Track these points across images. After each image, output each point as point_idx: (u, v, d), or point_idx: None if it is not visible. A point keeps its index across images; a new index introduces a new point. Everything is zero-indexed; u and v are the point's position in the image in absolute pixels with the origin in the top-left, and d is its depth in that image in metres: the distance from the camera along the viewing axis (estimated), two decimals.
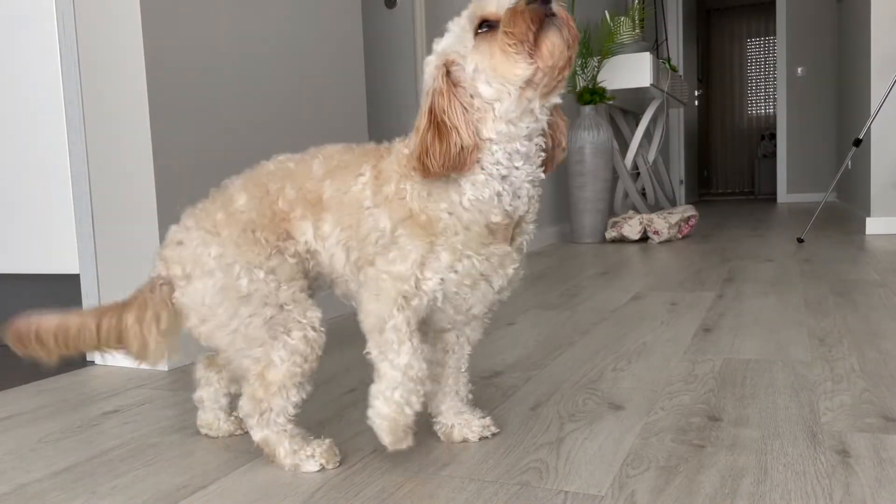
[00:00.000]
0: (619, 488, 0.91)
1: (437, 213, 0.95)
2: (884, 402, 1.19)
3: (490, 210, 0.95)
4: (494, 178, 0.95)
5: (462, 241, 0.95)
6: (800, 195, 7.61)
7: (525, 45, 0.89)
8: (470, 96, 0.93)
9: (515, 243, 1.00)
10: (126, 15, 1.59)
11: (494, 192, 0.95)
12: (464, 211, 0.95)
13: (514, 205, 0.97)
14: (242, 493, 0.95)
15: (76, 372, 1.65)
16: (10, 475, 1.05)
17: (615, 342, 1.69)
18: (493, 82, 0.92)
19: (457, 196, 0.95)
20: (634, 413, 1.19)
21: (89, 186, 1.70)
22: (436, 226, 0.95)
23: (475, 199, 0.95)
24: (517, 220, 0.99)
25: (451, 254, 0.95)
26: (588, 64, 4.20)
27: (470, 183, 0.95)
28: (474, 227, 0.95)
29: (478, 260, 0.96)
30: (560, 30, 0.90)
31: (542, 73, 0.91)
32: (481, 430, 1.10)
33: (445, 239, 0.95)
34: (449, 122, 0.93)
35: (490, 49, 0.91)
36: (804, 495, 0.86)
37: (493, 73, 0.91)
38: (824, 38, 7.40)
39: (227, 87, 1.80)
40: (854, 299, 2.06)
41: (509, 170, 0.95)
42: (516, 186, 0.96)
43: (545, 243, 4.07)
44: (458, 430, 1.10)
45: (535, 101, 0.93)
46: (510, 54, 0.90)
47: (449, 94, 0.93)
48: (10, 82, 1.79)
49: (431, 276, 0.95)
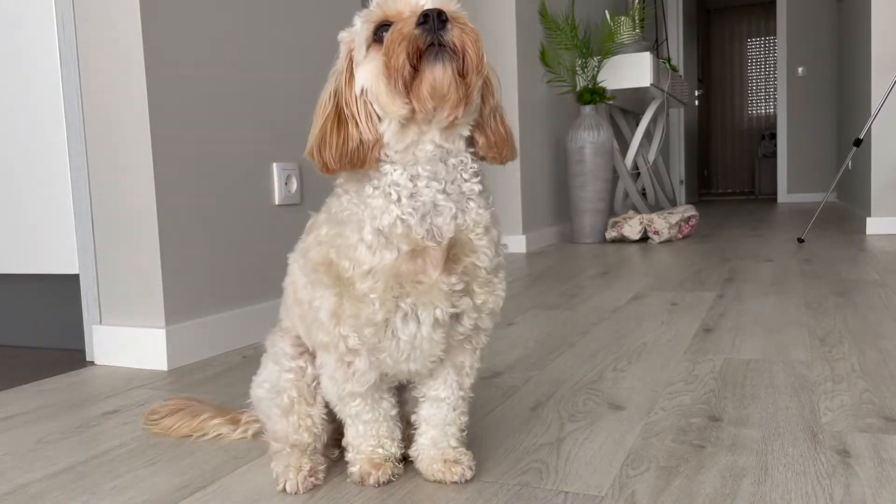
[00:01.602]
0: (620, 489, 0.90)
1: (339, 262, 0.83)
2: (884, 402, 1.19)
3: (396, 238, 0.82)
4: (393, 202, 0.82)
5: (367, 287, 0.82)
6: (800, 195, 7.61)
7: (399, 81, 0.76)
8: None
9: (461, 265, 0.84)
10: (126, 15, 1.59)
11: (394, 217, 0.82)
12: (367, 251, 0.82)
13: (437, 224, 0.82)
14: (242, 493, 0.95)
15: (76, 372, 1.65)
16: (9, 475, 1.05)
17: (615, 342, 1.69)
18: (377, 107, 0.81)
19: (355, 235, 0.83)
20: (635, 413, 1.19)
21: (89, 187, 1.69)
22: (340, 272, 0.83)
23: (378, 229, 0.82)
24: (454, 241, 0.84)
25: (354, 303, 0.83)
26: (588, 64, 4.20)
27: (377, 210, 0.82)
28: (384, 262, 0.82)
29: (380, 302, 0.82)
30: (446, 64, 0.75)
31: (422, 114, 0.78)
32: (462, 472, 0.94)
33: (348, 286, 0.83)
34: (348, 110, 0.82)
35: (375, 69, 0.79)
36: (804, 495, 0.86)
37: (375, 98, 0.80)
38: (824, 38, 7.40)
39: (227, 87, 1.80)
40: (854, 299, 2.06)
41: (416, 190, 0.82)
42: (429, 207, 0.82)
43: (545, 243, 4.07)
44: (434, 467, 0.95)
45: (431, 133, 0.81)
46: (388, 87, 0.77)
47: (351, 83, 0.82)
48: (9, 82, 1.79)
49: (348, 331, 0.84)
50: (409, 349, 0.86)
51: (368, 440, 0.94)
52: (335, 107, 0.83)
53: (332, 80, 0.85)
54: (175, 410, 1.19)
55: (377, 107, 0.81)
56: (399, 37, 0.75)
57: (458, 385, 0.94)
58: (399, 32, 0.75)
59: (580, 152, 4.00)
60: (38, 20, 1.72)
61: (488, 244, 0.86)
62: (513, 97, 3.70)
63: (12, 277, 1.93)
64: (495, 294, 0.88)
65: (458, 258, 0.84)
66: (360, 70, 0.82)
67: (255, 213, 1.88)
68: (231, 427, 1.15)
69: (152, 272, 1.63)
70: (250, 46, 1.87)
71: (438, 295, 0.83)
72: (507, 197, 3.74)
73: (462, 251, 0.84)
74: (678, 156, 7.68)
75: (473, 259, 0.85)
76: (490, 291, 0.87)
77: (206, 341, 1.71)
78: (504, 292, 0.90)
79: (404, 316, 0.84)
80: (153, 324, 1.64)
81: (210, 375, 1.55)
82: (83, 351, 1.79)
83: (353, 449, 0.95)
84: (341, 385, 0.90)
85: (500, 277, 0.89)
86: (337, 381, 0.90)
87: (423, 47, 0.75)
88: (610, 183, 4.10)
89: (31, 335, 1.92)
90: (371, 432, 0.94)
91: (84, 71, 1.67)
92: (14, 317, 1.95)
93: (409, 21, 0.76)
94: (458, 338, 0.89)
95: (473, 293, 0.86)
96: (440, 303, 0.83)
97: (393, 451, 0.96)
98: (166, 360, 1.62)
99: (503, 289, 0.89)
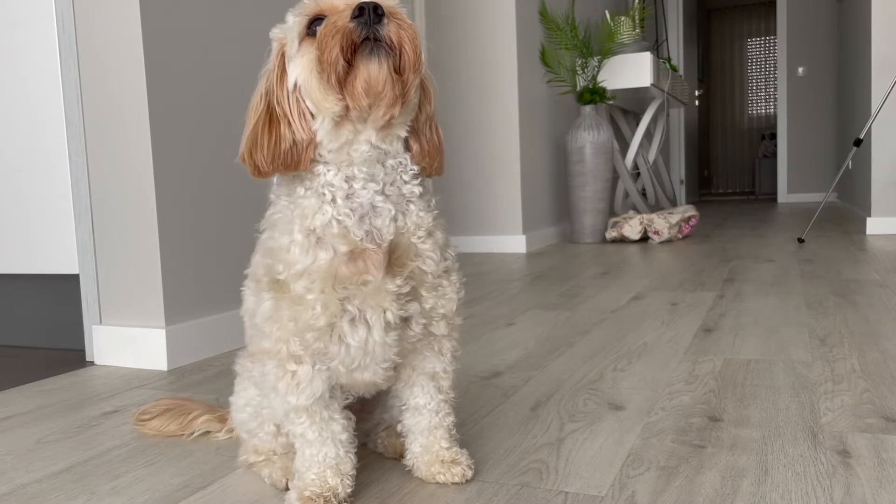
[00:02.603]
0: (620, 489, 0.90)
1: (273, 265, 0.81)
2: (884, 402, 1.18)
3: (333, 238, 0.79)
4: (327, 203, 0.79)
5: (302, 287, 0.79)
6: (800, 195, 7.61)
7: (332, 76, 0.73)
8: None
9: (406, 269, 0.81)
10: (126, 15, 1.59)
11: (329, 217, 0.79)
12: (299, 251, 0.79)
13: (376, 225, 0.80)
14: (242, 493, 0.95)
15: (76, 372, 1.65)
16: (9, 475, 1.05)
17: (615, 342, 1.69)
18: (310, 103, 0.78)
19: (288, 234, 0.80)
20: (635, 413, 1.19)
21: (89, 186, 1.69)
22: (274, 274, 0.81)
23: (312, 228, 0.79)
24: (396, 244, 0.81)
25: (291, 306, 0.79)
26: (588, 64, 4.20)
27: (309, 210, 0.79)
28: (318, 262, 0.79)
29: (322, 304, 0.79)
30: (382, 60, 0.73)
31: (356, 111, 0.76)
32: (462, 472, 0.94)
33: (284, 289, 0.80)
34: (280, 108, 0.79)
35: (308, 63, 0.76)
36: (804, 496, 0.86)
37: (307, 94, 0.78)
38: (824, 38, 7.40)
39: (227, 87, 1.80)
40: (854, 299, 2.06)
41: (352, 191, 0.79)
42: (367, 208, 0.80)
43: (545, 243, 4.07)
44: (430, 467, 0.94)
45: (367, 133, 0.79)
46: (320, 82, 0.75)
47: (283, 80, 0.79)
48: (9, 82, 1.79)
49: (288, 336, 0.80)
50: (361, 355, 0.82)
51: (313, 467, 0.86)
52: (266, 107, 0.80)
53: (263, 80, 0.81)
54: (165, 410, 1.18)
55: (310, 103, 0.78)
56: (332, 30, 0.73)
57: (437, 389, 0.92)
58: (333, 25, 0.73)
59: (580, 152, 4.00)
60: (38, 20, 1.72)
61: (432, 248, 0.83)
62: (513, 97, 3.70)
63: (12, 277, 1.93)
64: (445, 298, 0.85)
65: (402, 262, 0.81)
66: (292, 65, 0.79)
67: (255, 213, 1.87)
68: (219, 425, 1.15)
69: (152, 272, 1.63)
70: (251, 46, 1.87)
71: (386, 297, 0.80)
72: (507, 197, 3.75)
73: (406, 255, 0.82)
74: (678, 156, 7.68)
75: (419, 263, 0.82)
76: (440, 295, 0.85)
77: (206, 341, 1.71)
78: (457, 295, 0.87)
79: (352, 320, 0.80)
80: (153, 324, 1.64)
81: (210, 375, 1.55)
82: (83, 351, 1.79)
83: (298, 476, 0.88)
84: (284, 397, 0.84)
85: (452, 280, 0.86)
86: (280, 393, 0.84)
87: (357, 41, 0.73)
88: (610, 183, 4.10)
89: (31, 335, 1.92)
90: (317, 458, 0.86)
91: (84, 71, 1.67)
92: (14, 317, 1.95)
93: (344, 14, 0.73)
94: (410, 342, 0.86)
95: (421, 297, 0.83)
96: (389, 305, 0.80)
97: (333, 485, 0.86)
98: (166, 360, 1.62)
99: (455, 291, 0.86)
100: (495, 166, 3.77)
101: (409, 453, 0.95)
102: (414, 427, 0.94)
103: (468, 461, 0.95)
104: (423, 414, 0.93)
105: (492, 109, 3.75)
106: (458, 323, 0.90)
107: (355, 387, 0.89)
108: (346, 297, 0.80)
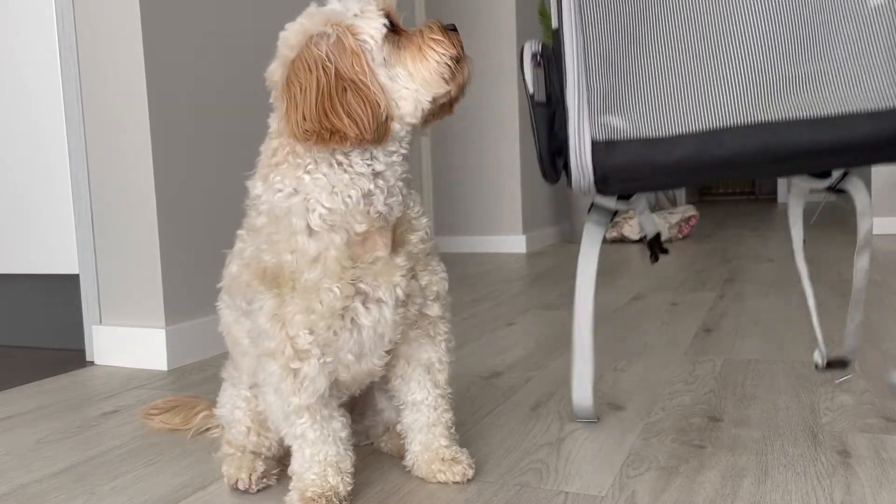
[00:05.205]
0: (620, 489, 0.90)
1: (279, 259, 0.82)
2: (884, 402, 1.18)
3: (353, 217, 0.82)
4: (365, 176, 0.82)
5: (317, 274, 0.81)
6: None
7: (448, 70, 0.84)
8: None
9: (406, 247, 0.87)
10: (126, 15, 1.59)
11: (363, 192, 0.82)
12: (309, 239, 0.81)
13: (390, 204, 0.84)
14: (242, 493, 0.95)
15: (76, 372, 1.65)
16: (9, 475, 1.05)
17: (615, 342, 1.69)
18: (404, 82, 0.83)
19: (300, 221, 0.81)
20: (635, 413, 1.19)
21: (89, 186, 1.69)
22: (280, 273, 0.82)
23: (331, 209, 0.81)
24: (397, 221, 0.86)
25: (304, 295, 0.81)
26: None
27: (326, 192, 0.81)
28: (330, 252, 0.81)
29: (339, 286, 0.81)
30: (469, 66, 0.87)
31: (444, 98, 0.85)
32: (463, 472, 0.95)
33: (292, 282, 0.81)
34: (367, 87, 0.80)
35: (410, 50, 0.84)
36: (805, 496, 0.86)
37: (407, 75, 0.83)
38: None
39: (228, 87, 1.80)
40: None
41: (386, 166, 0.84)
42: (391, 185, 0.84)
43: (545, 243, 4.07)
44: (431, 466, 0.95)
45: (420, 120, 0.86)
46: (438, 67, 0.83)
47: (363, 58, 0.81)
48: (10, 83, 1.79)
49: (297, 331, 0.81)
50: (372, 336, 0.85)
51: (313, 467, 0.87)
52: (350, 81, 0.80)
53: (311, 49, 0.81)
54: (173, 407, 1.21)
55: (407, 86, 0.83)
56: (452, 31, 0.86)
57: (433, 384, 0.94)
58: (445, 31, 0.86)
59: None
60: (38, 20, 1.72)
61: (425, 225, 0.90)
62: (513, 97, 3.70)
63: (12, 277, 1.93)
64: (438, 276, 0.91)
65: (404, 239, 0.87)
66: (385, 51, 0.82)
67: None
68: (217, 420, 1.15)
69: (152, 272, 1.63)
70: (251, 46, 1.87)
71: (396, 272, 0.84)
72: (507, 197, 3.75)
73: (406, 232, 0.87)
74: None
75: (414, 238, 0.88)
76: (432, 272, 0.90)
77: (206, 341, 1.71)
78: (445, 273, 0.92)
79: (364, 300, 0.83)
80: (153, 324, 1.64)
81: (210, 375, 1.55)
82: (83, 351, 1.79)
83: (297, 477, 0.88)
84: (287, 398, 0.84)
85: (437, 261, 0.92)
86: (283, 394, 0.84)
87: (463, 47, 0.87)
88: None
89: (31, 335, 1.92)
90: (318, 457, 0.87)
91: (84, 71, 1.67)
92: (14, 317, 1.95)
93: (435, 25, 0.86)
94: (406, 323, 0.89)
95: (418, 275, 0.89)
96: (399, 280, 0.84)
97: (334, 484, 0.87)
98: (166, 360, 1.62)
99: (443, 270, 0.92)
100: (495, 166, 3.77)
101: (409, 452, 0.96)
102: (413, 424, 0.95)
103: (468, 460, 0.95)
104: (421, 410, 0.94)
105: (492, 110, 3.76)
106: (449, 301, 0.94)
107: (354, 380, 0.90)
108: (358, 277, 0.83)
